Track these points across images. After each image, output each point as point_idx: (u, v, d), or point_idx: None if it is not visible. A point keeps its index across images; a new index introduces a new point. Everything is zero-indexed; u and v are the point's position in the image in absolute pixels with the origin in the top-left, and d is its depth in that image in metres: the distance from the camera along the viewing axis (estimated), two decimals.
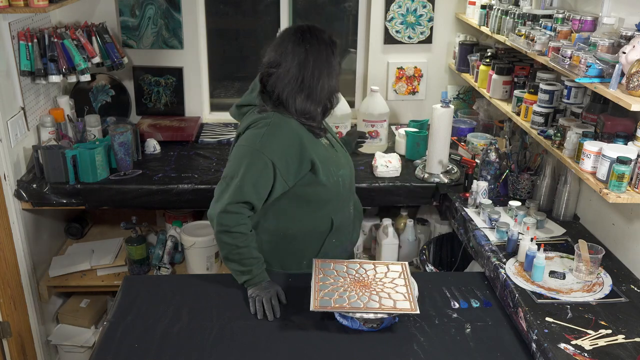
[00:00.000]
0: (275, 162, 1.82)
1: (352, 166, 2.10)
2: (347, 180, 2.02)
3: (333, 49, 1.89)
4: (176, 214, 3.08)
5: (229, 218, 1.83)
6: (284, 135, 1.85)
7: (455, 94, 3.48)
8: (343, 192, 2.00)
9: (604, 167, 1.82)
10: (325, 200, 1.96)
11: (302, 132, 1.89)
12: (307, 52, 1.84)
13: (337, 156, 2.01)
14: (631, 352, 1.60)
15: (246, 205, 1.86)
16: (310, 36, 1.86)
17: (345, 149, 2.13)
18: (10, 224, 2.58)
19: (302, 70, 1.84)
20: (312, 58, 1.85)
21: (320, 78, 1.86)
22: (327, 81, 1.88)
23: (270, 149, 1.82)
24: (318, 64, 1.85)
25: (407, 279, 1.83)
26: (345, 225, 2.06)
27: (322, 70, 1.86)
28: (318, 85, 1.86)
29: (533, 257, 1.91)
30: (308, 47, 1.85)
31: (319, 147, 1.94)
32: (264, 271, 1.89)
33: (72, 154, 2.57)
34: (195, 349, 1.69)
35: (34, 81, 2.70)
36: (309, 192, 1.93)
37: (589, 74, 1.80)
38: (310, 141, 1.90)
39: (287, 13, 3.42)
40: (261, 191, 1.85)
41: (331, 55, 1.88)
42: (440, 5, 3.31)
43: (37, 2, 2.40)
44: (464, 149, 2.85)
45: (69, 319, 2.98)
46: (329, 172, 1.93)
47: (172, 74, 3.34)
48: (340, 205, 2.02)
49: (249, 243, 1.88)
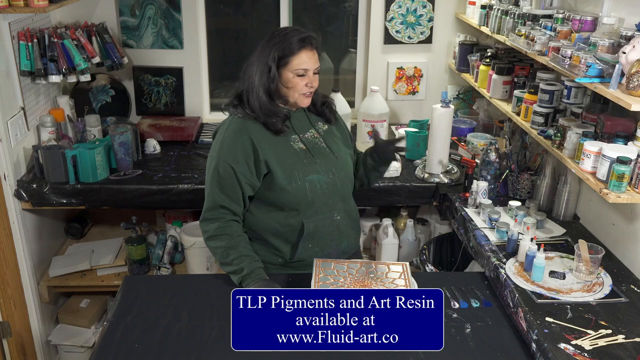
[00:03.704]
0: (233, 165, 1.87)
1: (338, 173, 1.98)
2: (323, 186, 1.94)
3: (279, 51, 1.83)
4: (176, 214, 3.08)
5: (209, 225, 1.92)
6: (238, 139, 1.88)
7: (455, 94, 3.48)
8: (314, 197, 1.93)
9: (604, 167, 1.82)
10: (290, 203, 1.93)
11: (258, 134, 1.89)
12: (258, 49, 1.88)
13: (309, 161, 1.93)
14: (631, 352, 1.60)
15: (224, 210, 1.90)
16: (271, 35, 1.88)
17: (336, 154, 2.00)
18: (10, 224, 2.58)
19: (249, 66, 1.90)
20: (257, 52, 1.88)
21: (248, 69, 1.88)
22: (257, 78, 1.86)
23: (228, 153, 1.88)
24: (258, 60, 1.87)
25: (407, 279, 1.83)
26: (324, 232, 1.99)
27: (258, 66, 1.86)
28: (248, 76, 1.88)
29: (533, 257, 1.91)
30: (262, 44, 1.88)
31: (282, 150, 1.91)
32: (260, 269, 1.86)
33: (72, 154, 2.57)
34: (195, 349, 1.69)
35: (34, 81, 2.70)
36: (270, 195, 1.92)
37: (589, 74, 1.80)
38: (269, 143, 1.89)
39: (287, 13, 3.42)
40: (231, 195, 1.89)
41: (269, 55, 1.84)
42: (440, 5, 3.31)
43: (37, 2, 2.40)
44: (464, 149, 2.85)
45: (69, 319, 2.98)
46: (292, 175, 1.90)
47: (172, 74, 3.34)
48: (314, 211, 1.95)
49: (237, 244, 1.89)
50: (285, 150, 1.92)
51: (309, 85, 1.88)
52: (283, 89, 1.88)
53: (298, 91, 1.88)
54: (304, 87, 1.88)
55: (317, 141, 2.00)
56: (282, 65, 1.85)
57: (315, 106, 2.02)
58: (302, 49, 1.84)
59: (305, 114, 2.01)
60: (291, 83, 1.87)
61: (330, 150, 2.00)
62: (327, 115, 2.04)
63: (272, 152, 1.89)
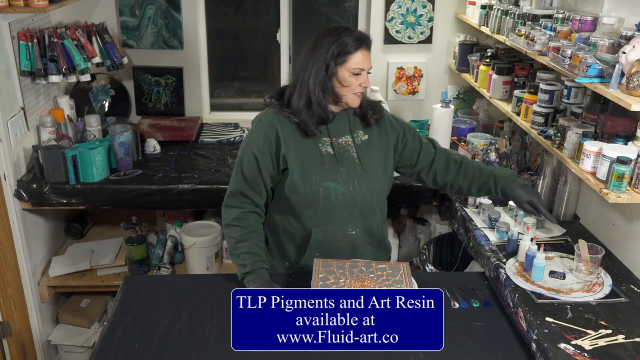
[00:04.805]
0: (258, 155, 1.89)
1: (360, 187, 1.91)
2: (339, 196, 1.90)
3: (337, 48, 1.81)
4: (176, 214, 3.08)
5: (229, 212, 1.93)
6: (266, 129, 1.90)
7: (455, 94, 3.48)
8: (326, 205, 1.90)
9: (604, 167, 1.81)
10: (300, 205, 1.91)
11: (287, 129, 1.88)
12: (310, 47, 1.85)
13: (331, 168, 1.89)
14: (631, 352, 1.59)
15: (245, 199, 1.91)
16: (326, 32, 1.85)
17: (365, 167, 1.92)
18: (10, 224, 2.58)
19: (300, 64, 1.87)
20: (310, 53, 1.85)
21: (306, 71, 1.85)
22: (314, 76, 1.83)
23: (255, 143, 1.90)
24: (313, 58, 1.84)
25: (407, 279, 1.83)
26: (334, 245, 1.95)
27: (313, 63, 1.83)
28: (304, 80, 1.85)
29: (533, 257, 1.91)
30: (314, 42, 1.85)
31: (306, 149, 1.89)
32: (262, 270, 1.85)
33: (72, 154, 2.58)
34: (195, 349, 1.69)
35: (34, 81, 2.70)
36: (285, 192, 1.92)
37: (589, 74, 1.80)
38: (295, 140, 1.88)
39: (287, 13, 3.42)
40: (253, 184, 1.91)
41: (327, 52, 1.81)
42: (440, 5, 3.31)
43: (37, 2, 2.40)
44: (464, 149, 2.85)
45: (69, 319, 2.98)
46: (308, 178, 1.88)
47: (172, 74, 3.33)
48: (325, 220, 1.92)
49: (249, 238, 1.88)
50: (309, 150, 1.90)
51: (363, 85, 1.86)
52: (337, 87, 1.86)
53: (352, 90, 1.86)
54: (358, 87, 1.86)
55: (349, 149, 1.93)
56: (339, 64, 1.83)
57: (360, 107, 1.95)
58: (359, 48, 1.83)
59: (347, 118, 1.95)
60: (347, 82, 1.84)
61: (360, 162, 1.93)
62: (368, 117, 1.96)
63: (295, 150, 1.88)
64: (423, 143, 2.08)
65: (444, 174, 2.08)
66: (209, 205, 2.90)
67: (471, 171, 2.08)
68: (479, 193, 2.12)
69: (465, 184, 2.08)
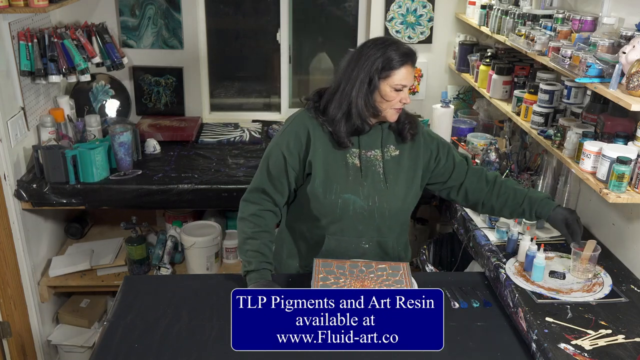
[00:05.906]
0: (285, 153, 1.88)
1: (381, 204, 1.90)
2: (357, 210, 1.89)
3: (382, 62, 1.78)
4: (176, 214, 3.08)
5: (246, 206, 1.94)
6: (298, 130, 1.89)
7: (455, 94, 3.48)
8: (343, 216, 1.89)
9: (604, 167, 1.81)
10: (317, 211, 1.91)
11: (318, 134, 1.87)
12: (353, 57, 1.84)
13: (355, 180, 1.88)
14: (631, 352, 1.59)
15: (265, 197, 1.91)
16: (372, 43, 1.83)
17: (389, 184, 1.90)
18: (10, 224, 2.58)
19: (342, 72, 1.85)
20: (355, 63, 1.82)
21: (349, 81, 1.81)
22: (357, 88, 1.80)
23: (285, 142, 1.90)
24: (357, 68, 1.81)
25: (407, 279, 1.83)
26: (346, 255, 1.94)
27: (357, 75, 1.80)
28: (346, 90, 1.82)
29: (533, 257, 1.91)
30: (359, 52, 1.83)
31: (333, 158, 1.88)
32: (266, 270, 1.85)
33: (72, 154, 2.58)
34: (195, 349, 1.69)
35: (34, 81, 2.70)
36: (306, 195, 1.92)
37: (589, 74, 1.80)
38: (324, 147, 1.87)
39: (287, 13, 3.42)
40: (276, 183, 1.90)
41: (372, 65, 1.78)
42: (440, 5, 3.31)
43: (37, 2, 2.40)
44: (464, 149, 2.85)
45: (69, 319, 2.98)
46: (329, 187, 1.88)
47: (172, 74, 3.34)
48: (340, 229, 1.92)
49: (259, 237, 1.88)
50: (336, 160, 1.89)
51: (403, 102, 1.84)
52: (378, 101, 1.83)
53: (392, 105, 1.83)
54: (398, 103, 1.83)
55: (376, 164, 1.91)
56: (382, 78, 1.80)
57: (398, 122, 1.92)
58: (404, 64, 1.80)
59: (381, 132, 1.92)
60: (388, 97, 1.81)
61: (384, 179, 1.91)
62: (405, 132, 1.92)
63: (322, 157, 1.87)
64: (457, 162, 2.03)
65: (475, 193, 2.04)
66: (209, 205, 2.90)
67: (504, 192, 2.02)
68: (511, 216, 2.07)
69: (497, 204, 2.03)
